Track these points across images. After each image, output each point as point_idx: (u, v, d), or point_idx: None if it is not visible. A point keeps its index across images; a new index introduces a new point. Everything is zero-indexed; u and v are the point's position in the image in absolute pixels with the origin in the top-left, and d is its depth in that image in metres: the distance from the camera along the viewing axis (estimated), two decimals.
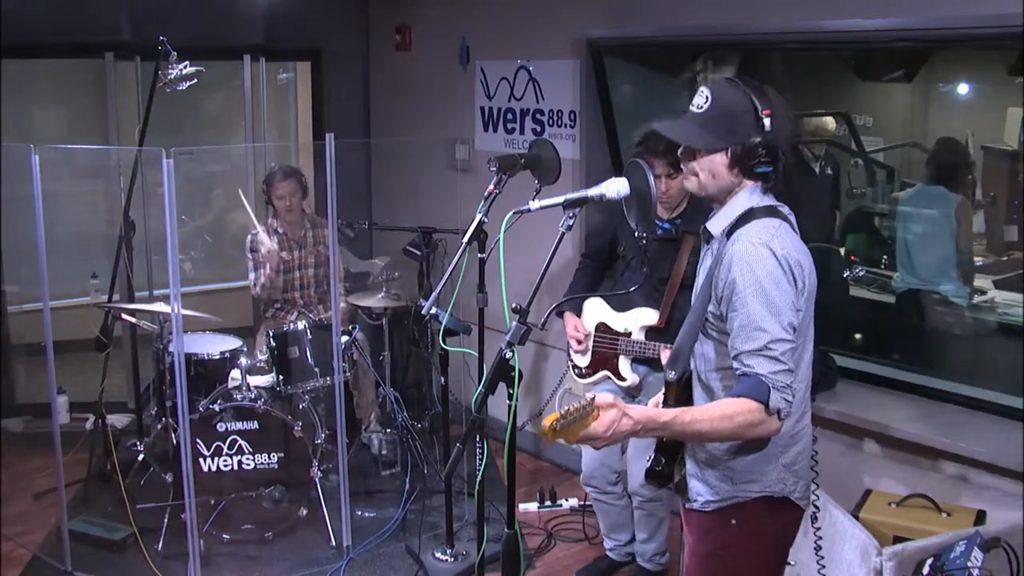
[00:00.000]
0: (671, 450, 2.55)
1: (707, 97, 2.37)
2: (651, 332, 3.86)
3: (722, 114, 2.35)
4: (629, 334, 3.90)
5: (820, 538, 3.30)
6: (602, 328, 4.00)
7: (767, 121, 2.31)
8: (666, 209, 3.79)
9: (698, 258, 3.64)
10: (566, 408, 2.10)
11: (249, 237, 5.30)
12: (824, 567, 3.26)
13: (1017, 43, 3.28)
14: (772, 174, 2.36)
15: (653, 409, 2.34)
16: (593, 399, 2.16)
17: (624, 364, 3.93)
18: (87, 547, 4.39)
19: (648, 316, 3.86)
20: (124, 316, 4.77)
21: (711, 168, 2.38)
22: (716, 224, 2.44)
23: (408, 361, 5.77)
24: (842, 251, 5.03)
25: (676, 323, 3.70)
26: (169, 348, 4.43)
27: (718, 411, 2.29)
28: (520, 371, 2.46)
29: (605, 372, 3.99)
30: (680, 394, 2.50)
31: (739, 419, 2.25)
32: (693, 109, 2.40)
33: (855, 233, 5.10)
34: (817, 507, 3.26)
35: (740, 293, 2.28)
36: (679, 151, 2.44)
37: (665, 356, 3.68)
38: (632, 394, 3.90)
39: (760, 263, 2.27)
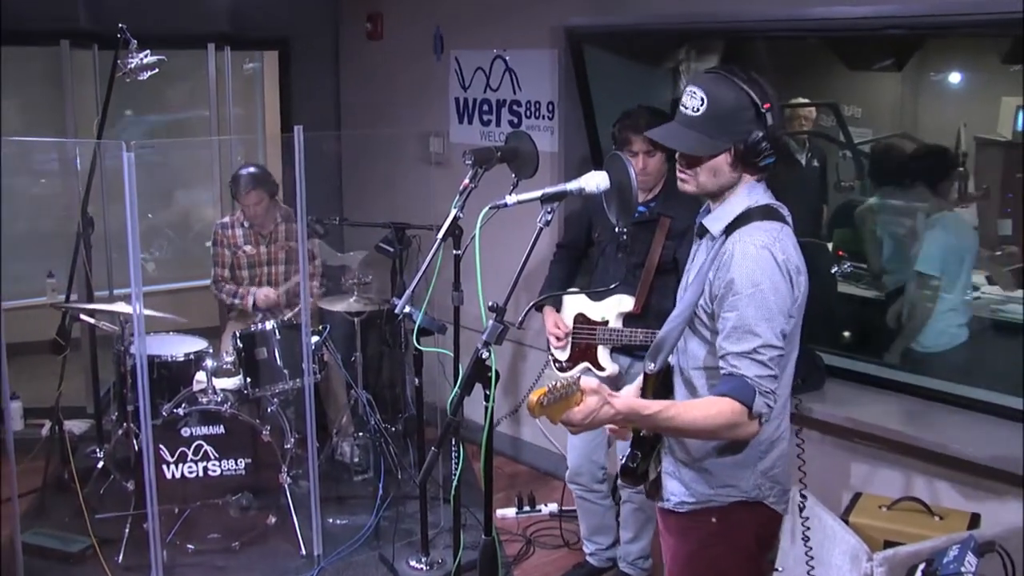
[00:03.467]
0: (648, 446, 2.57)
1: (702, 99, 2.35)
2: (628, 319, 3.88)
3: (722, 115, 2.34)
4: (606, 322, 3.92)
5: (811, 548, 3.30)
6: (580, 319, 4.01)
7: (769, 116, 2.32)
8: (642, 191, 3.79)
9: (675, 242, 3.71)
10: (553, 383, 2.13)
11: (214, 228, 5.27)
12: (813, 572, 3.25)
13: (1013, 30, 3.28)
14: (773, 165, 2.39)
15: (637, 400, 2.37)
16: (579, 379, 2.19)
17: (603, 354, 3.95)
18: (43, 561, 4.33)
19: (625, 303, 3.88)
20: (83, 317, 4.72)
21: (713, 168, 2.39)
22: (714, 222, 2.44)
23: (381, 362, 5.77)
24: (829, 246, 5.03)
25: (652, 309, 3.77)
26: (130, 350, 4.40)
27: (701, 409, 2.32)
28: (497, 372, 2.46)
29: (585, 364, 4.00)
30: (658, 387, 2.52)
31: (721, 419, 2.29)
32: (688, 112, 2.38)
33: (843, 228, 5.10)
34: (806, 516, 3.25)
35: (737, 294, 2.30)
36: (676, 155, 2.45)
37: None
38: (616, 384, 3.90)
39: (761, 267, 2.29)
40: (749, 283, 2.29)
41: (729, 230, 2.38)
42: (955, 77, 4.86)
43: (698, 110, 2.35)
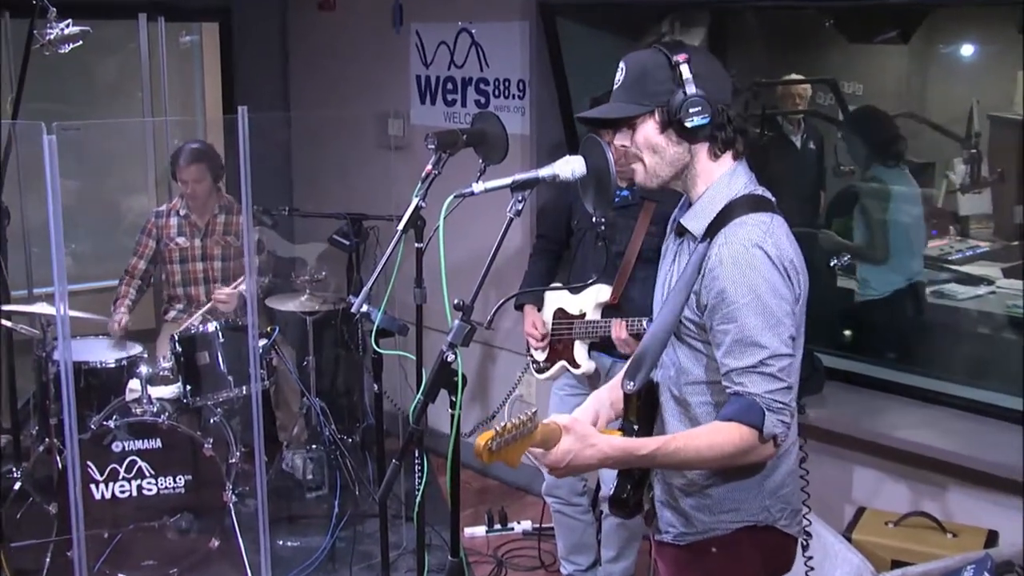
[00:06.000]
0: (638, 474, 2.50)
1: (622, 68, 2.39)
2: (607, 310, 3.90)
3: (636, 77, 2.36)
4: (584, 315, 3.93)
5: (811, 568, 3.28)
6: (559, 314, 4.04)
7: (685, 68, 2.29)
8: (623, 178, 3.79)
9: (660, 228, 3.70)
10: (503, 424, 2.06)
11: (148, 215, 5.29)
12: None
13: None
14: (713, 129, 2.34)
15: (629, 440, 2.31)
16: (534, 413, 2.13)
17: (579, 350, 3.96)
18: None
19: (603, 293, 3.90)
20: None
21: (647, 143, 2.38)
22: (694, 220, 2.40)
23: (336, 366, 5.75)
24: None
25: (631, 300, 3.82)
26: (53, 356, 4.36)
27: (705, 439, 2.27)
28: (464, 376, 2.44)
29: (562, 362, 4.02)
30: (642, 408, 2.45)
31: (729, 448, 2.24)
32: (614, 88, 2.42)
33: (843, 216, 5.11)
34: (809, 533, 3.23)
35: (732, 305, 2.25)
36: (614, 140, 2.45)
37: (617, 331, 3.67)
38: (593, 384, 3.92)
39: (754, 269, 2.25)
40: (745, 290, 2.24)
41: (712, 229, 2.34)
42: (967, 50, 4.86)
43: (619, 81, 2.39)
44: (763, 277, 2.24)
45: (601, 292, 3.89)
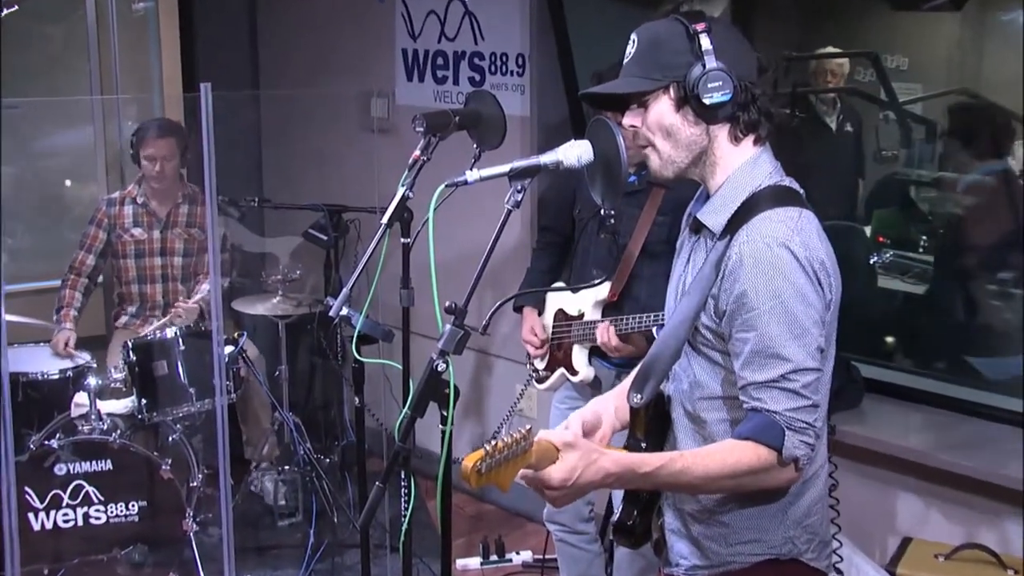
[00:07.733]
0: (646, 498, 2.50)
1: (634, 40, 2.39)
2: (608, 309, 3.90)
3: (649, 48, 2.36)
4: (582, 316, 3.94)
5: None
6: (560, 316, 4.05)
7: (704, 39, 2.28)
8: (633, 163, 3.79)
9: (668, 217, 3.69)
10: (493, 443, 2.03)
11: (98, 203, 5.29)
12: None
13: None
14: (734, 108, 2.32)
15: (632, 456, 2.28)
16: (529, 430, 2.10)
17: (578, 355, 3.97)
18: None
19: (603, 290, 3.89)
20: None
21: (660, 123, 2.35)
22: (712, 215, 2.37)
23: (312, 377, 5.80)
24: (867, 230, 5.03)
25: (634, 299, 3.82)
26: None
27: (717, 458, 2.24)
28: (456, 388, 2.45)
29: (562, 370, 4.03)
30: (650, 424, 2.44)
31: (743, 469, 2.22)
32: (625, 62, 2.41)
33: (885, 207, 5.10)
34: (840, 571, 3.21)
35: (754, 311, 2.23)
36: (624, 121, 2.44)
37: (602, 336, 3.65)
38: (596, 395, 3.89)
39: (778, 271, 2.22)
40: (767, 295, 2.21)
41: (732, 225, 2.31)
42: None
43: (630, 54, 2.39)
44: (788, 280, 2.22)
45: (601, 289, 3.88)
